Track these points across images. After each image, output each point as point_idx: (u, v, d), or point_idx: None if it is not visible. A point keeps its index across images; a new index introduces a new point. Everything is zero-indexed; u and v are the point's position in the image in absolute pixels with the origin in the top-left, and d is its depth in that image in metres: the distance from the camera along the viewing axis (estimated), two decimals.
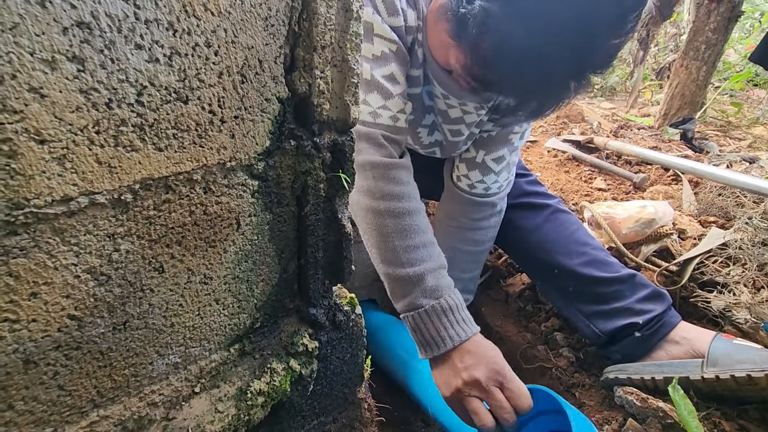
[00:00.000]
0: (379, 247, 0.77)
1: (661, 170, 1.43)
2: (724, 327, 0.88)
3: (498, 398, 0.64)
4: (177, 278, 0.42)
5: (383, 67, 0.76)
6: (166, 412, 0.45)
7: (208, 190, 0.40)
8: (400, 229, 0.75)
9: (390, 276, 0.76)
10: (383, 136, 0.77)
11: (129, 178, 0.34)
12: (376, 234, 0.76)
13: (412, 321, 0.73)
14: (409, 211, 0.76)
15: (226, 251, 0.45)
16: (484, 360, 0.67)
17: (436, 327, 0.71)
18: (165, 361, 0.44)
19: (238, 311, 0.50)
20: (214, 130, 0.38)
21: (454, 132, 0.93)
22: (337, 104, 0.49)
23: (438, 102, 0.88)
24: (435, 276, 0.74)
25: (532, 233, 1.04)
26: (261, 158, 0.44)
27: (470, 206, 1.00)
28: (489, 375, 0.65)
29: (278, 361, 0.52)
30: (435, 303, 0.71)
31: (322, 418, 0.65)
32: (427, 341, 0.72)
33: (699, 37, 1.83)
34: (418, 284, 0.73)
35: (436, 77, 0.80)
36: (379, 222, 0.76)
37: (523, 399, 0.63)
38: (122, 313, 0.38)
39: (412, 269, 0.73)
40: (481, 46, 0.61)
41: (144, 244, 0.38)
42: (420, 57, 0.81)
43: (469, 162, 0.99)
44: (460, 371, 0.68)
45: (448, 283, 0.75)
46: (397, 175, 0.77)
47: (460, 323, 0.71)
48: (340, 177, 0.52)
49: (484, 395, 0.65)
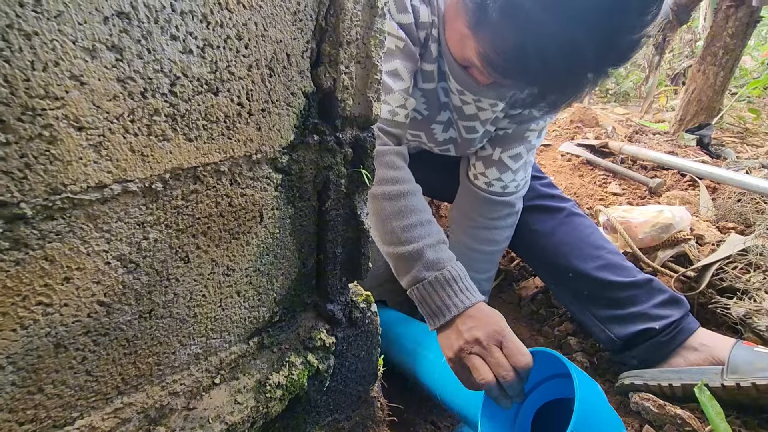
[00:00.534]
0: (378, 230, 0.80)
1: (678, 175, 1.42)
2: (744, 334, 0.86)
3: (496, 355, 0.65)
4: (201, 269, 0.42)
5: (387, 63, 0.77)
6: (187, 402, 0.45)
7: (234, 182, 0.41)
8: (397, 211, 0.77)
9: (392, 255, 0.79)
10: (379, 128, 0.79)
11: (160, 167, 0.35)
12: (375, 218, 0.79)
13: (417, 293, 0.75)
14: (404, 193, 0.79)
15: (249, 244, 0.46)
16: (484, 321, 0.69)
17: (440, 296, 0.73)
18: (187, 351, 0.45)
19: (258, 304, 0.50)
20: (242, 122, 0.39)
21: (468, 129, 0.93)
22: (360, 100, 0.50)
23: (453, 98, 0.89)
24: (435, 250, 0.76)
25: (546, 236, 1.03)
26: (285, 152, 0.44)
27: (487, 205, 1.00)
28: (489, 334, 0.67)
29: (296, 355, 0.53)
30: (438, 274, 0.73)
31: (336, 415, 0.65)
32: (433, 311, 0.74)
33: (717, 42, 1.81)
34: (419, 259, 0.75)
35: (453, 72, 0.81)
36: (377, 206, 0.78)
37: (520, 356, 0.64)
38: (148, 301, 0.39)
39: (411, 246, 0.76)
40: (503, 32, 0.60)
41: (171, 234, 0.38)
42: (434, 52, 0.82)
43: (485, 159, 0.99)
44: (463, 333, 0.70)
45: (449, 256, 0.77)
46: (390, 160, 0.79)
47: (464, 291, 0.73)
48: (361, 173, 0.53)
49: (484, 353, 0.67)
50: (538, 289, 1.20)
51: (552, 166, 1.64)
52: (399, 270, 0.79)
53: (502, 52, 0.63)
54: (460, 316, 0.72)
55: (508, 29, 0.59)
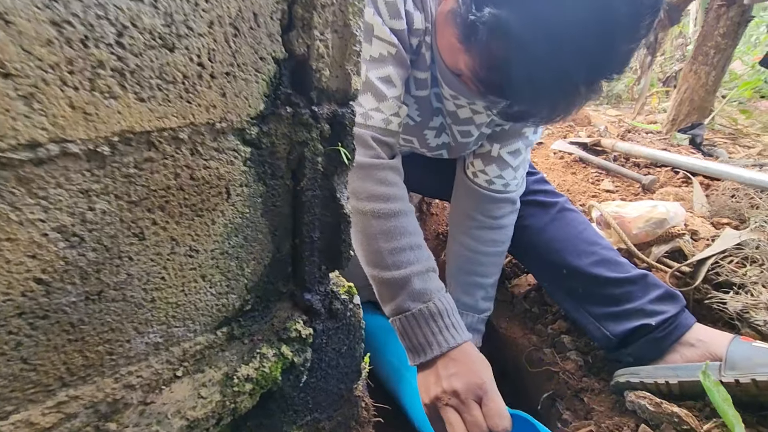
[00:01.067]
0: (364, 249, 0.74)
1: (671, 173, 1.40)
2: (741, 330, 0.84)
3: (474, 414, 0.61)
4: (159, 247, 0.38)
5: (379, 69, 0.74)
6: (144, 396, 0.41)
7: (195, 152, 0.37)
8: (386, 231, 0.72)
9: (376, 279, 0.74)
10: (372, 137, 0.75)
11: (107, 129, 0.31)
12: (361, 235, 0.74)
13: (399, 325, 0.71)
14: (395, 213, 0.74)
15: (215, 222, 0.42)
16: (467, 370, 0.64)
17: (423, 332, 0.68)
18: (144, 339, 0.41)
19: (226, 291, 0.47)
20: (203, 85, 0.36)
21: (463, 133, 0.91)
22: (338, 73, 0.47)
23: (447, 103, 0.86)
24: (422, 279, 0.71)
25: (539, 232, 1.00)
26: (254, 123, 0.41)
27: (489, 203, 0.96)
28: (469, 387, 0.62)
29: (269, 346, 0.49)
30: (423, 307, 0.69)
31: (317, 415, 0.61)
32: (414, 347, 0.69)
33: (708, 42, 1.81)
34: (404, 287, 0.70)
35: (445, 79, 0.78)
36: (364, 223, 0.73)
37: (499, 419, 0.60)
38: (96, 281, 0.35)
39: (398, 272, 0.71)
40: (492, 52, 0.59)
41: (123, 206, 0.34)
42: (428, 59, 0.79)
43: (485, 157, 0.96)
44: (442, 379, 0.65)
45: (437, 287, 0.72)
46: (384, 176, 0.75)
47: (449, 329, 0.68)
48: (339, 152, 0.49)
49: (461, 408, 0.62)
50: (530, 287, 1.17)
51: (544, 164, 1.62)
52: (382, 296, 0.74)
53: (490, 71, 0.61)
54: (442, 357, 0.67)
55: (495, 50, 0.58)
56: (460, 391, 0.62)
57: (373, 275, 0.74)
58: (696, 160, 1.31)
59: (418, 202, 1.52)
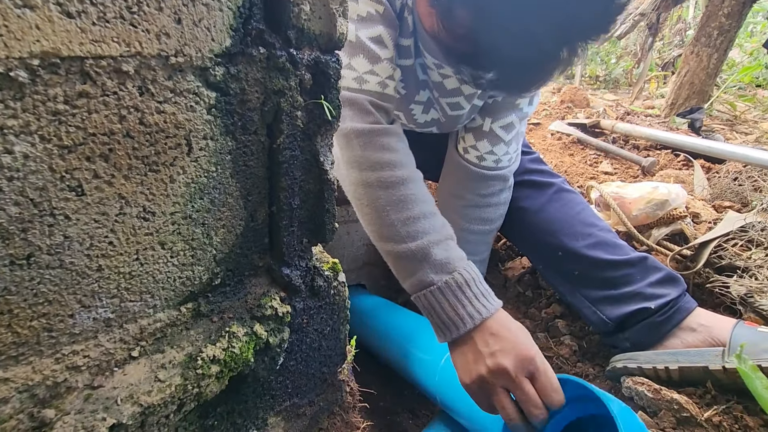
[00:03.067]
0: (374, 224, 0.67)
1: (671, 155, 1.36)
2: (744, 314, 0.80)
3: (528, 392, 0.55)
4: (104, 206, 0.32)
5: (369, 28, 0.68)
6: (92, 379, 0.36)
7: (145, 91, 0.31)
8: (395, 201, 0.66)
9: (391, 254, 0.67)
10: (370, 102, 0.69)
11: (21, 48, 0.25)
12: (370, 209, 0.67)
13: (424, 301, 0.64)
14: (403, 180, 0.67)
15: (174, 180, 0.36)
16: (512, 345, 0.58)
17: (452, 305, 0.61)
18: (92, 314, 0.35)
19: (191, 261, 0.41)
20: (152, 5, 0.29)
21: (452, 105, 0.85)
22: (321, 13, 0.40)
23: (432, 74, 0.80)
24: (443, 248, 0.64)
25: (535, 213, 0.96)
26: (219, 62, 0.35)
27: (479, 181, 0.91)
28: (518, 364, 0.56)
29: (240, 325, 0.43)
30: (448, 278, 0.62)
31: (296, 400, 0.56)
32: (444, 323, 0.62)
33: (711, 23, 1.76)
34: (424, 259, 0.63)
35: (426, 46, 0.72)
36: (371, 195, 0.67)
37: (555, 395, 0.54)
38: (23, 242, 0.29)
39: (414, 243, 0.64)
40: (456, 18, 0.54)
41: (52, 151, 0.28)
42: (410, 25, 0.73)
43: (476, 131, 0.90)
44: (485, 357, 0.58)
45: (460, 255, 0.65)
46: (386, 141, 0.68)
47: (479, 298, 0.62)
48: (322, 106, 0.43)
49: (512, 387, 0.56)
50: (524, 270, 1.13)
51: (541, 145, 1.57)
52: (400, 272, 0.67)
53: (456, 37, 0.56)
54: (478, 330, 0.61)
55: (460, 16, 0.54)
56: (509, 369, 0.56)
57: (387, 250, 0.67)
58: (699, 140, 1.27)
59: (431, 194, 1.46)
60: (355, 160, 0.68)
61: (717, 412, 0.67)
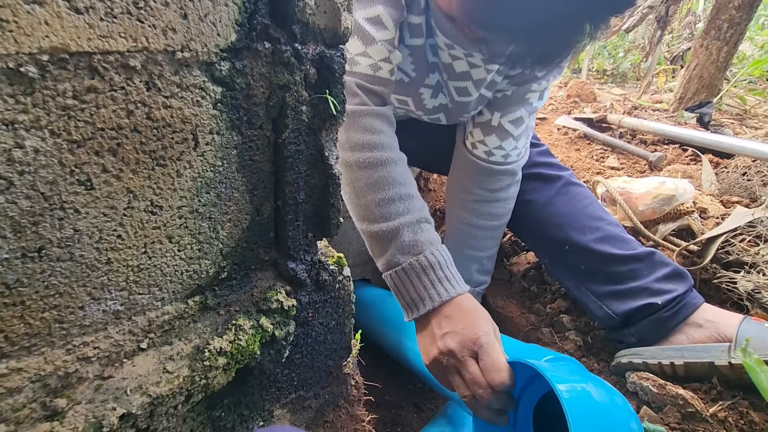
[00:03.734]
0: (352, 203, 0.70)
1: (679, 150, 1.35)
2: (751, 310, 0.80)
3: (471, 370, 0.57)
4: (112, 200, 0.33)
5: (368, 8, 0.67)
6: (102, 370, 0.36)
7: (152, 86, 0.32)
8: (373, 182, 0.68)
9: (365, 233, 0.70)
10: (358, 84, 0.69)
11: (31, 43, 0.25)
12: (349, 188, 0.69)
13: (390, 280, 0.67)
14: (382, 162, 0.68)
15: (181, 175, 0.36)
16: (461, 327, 0.60)
17: (415, 286, 0.64)
18: (101, 307, 0.36)
19: (198, 255, 0.41)
20: (158, 0, 0.29)
21: (460, 90, 0.84)
22: (325, 8, 0.40)
23: (442, 54, 0.79)
24: (413, 230, 0.66)
25: (542, 206, 0.95)
26: (225, 57, 0.35)
27: (488, 176, 0.91)
28: (464, 344, 0.59)
29: (246, 318, 0.44)
30: (413, 260, 0.64)
31: (302, 392, 0.57)
32: (407, 303, 0.66)
33: (722, 15, 1.73)
34: (393, 240, 0.66)
35: (439, 24, 0.72)
36: (352, 176, 0.69)
37: (496, 373, 0.55)
38: (34, 235, 0.30)
39: (385, 224, 0.66)
40: None
41: (61, 145, 0.29)
42: (422, 2, 0.72)
43: (484, 126, 0.89)
44: (437, 339, 0.61)
45: (430, 238, 0.67)
46: (369, 123, 0.69)
47: (442, 282, 0.64)
48: (327, 100, 0.43)
49: (459, 367, 0.59)
50: (530, 265, 1.13)
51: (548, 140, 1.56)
52: (373, 250, 0.70)
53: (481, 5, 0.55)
54: (434, 313, 0.63)
55: None
56: (455, 350, 0.59)
57: (362, 229, 0.70)
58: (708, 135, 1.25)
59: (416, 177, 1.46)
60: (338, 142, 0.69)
61: (722, 408, 0.67)
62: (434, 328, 0.63)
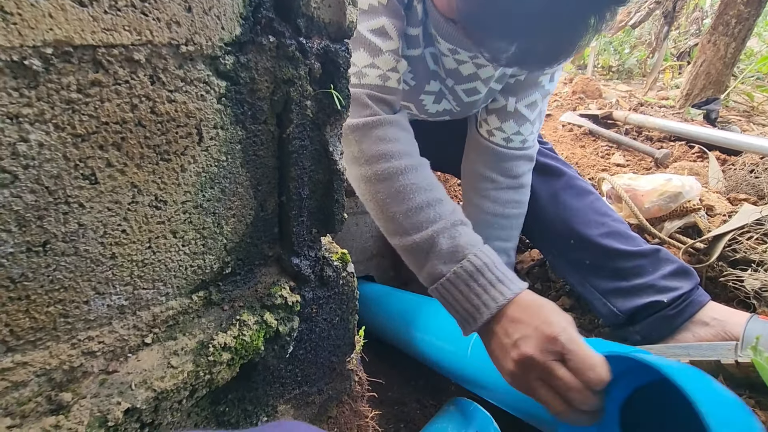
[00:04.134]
0: (379, 219, 0.66)
1: (685, 147, 1.33)
2: (758, 308, 0.79)
3: (560, 375, 0.48)
4: (117, 194, 0.33)
5: (371, 20, 0.67)
6: (107, 364, 0.36)
7: (156, 80, 0.31)
8: (395, 193, 0.64)
9: (399, 248, 0.65)
10: (368, 95, 0.67)
11: (35, 36, 0.25)
12: (373, 204, 0.66)
13: (438, 294, 0.61)
14: (401, 170, 0.65)
15: (185, 170, 0.36)
16: (532, 328, 0.52)
17: (465, 296, 0.57)
18: (106, 301, 0.36)
19: (202, 250, 0.41)
20: None
21: (469, 91, 0.83)
22: (330, 1, 0.40)
23: (446, 61, 0.78)
24: (449, 235, 0.61)
25: (548, 199, 0.94)
26: (229, 51, 0.35)
27: (510, 161, 0.89)
28: (542, 347, 0.50)
29: (250, 313, 0.44)
30: (457, 267, 0.58)
31: (306, 388, 0.57)
32: (462, 315, 0.59)
33: (730, 10, 1.71)
34: (431, 250, 0.60)
35: (441, 31, 0.71)
36: (372, 190, 0.65)
37: (591, 372, 0.47)
38: (39, 230, 0.30)
39: (418, 235, 0.62)
40: None
41: (66, 139, 0.29)
42: (420, 12, 0.72)
43: (500, 112, 0.88)
44: (509, 349, 0.53)
45: (471, 241, 0.61)
46: (383, 133, 0.66)
47: (495, 285, 0.57)
48: (332, 95, 0.43)
49: (545, 376, 0.50)
50: (534, 262, 1.13)
51: (552, 137, 1.55)
52: (412, 265, 0.64)
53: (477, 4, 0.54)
54: (497, 320, 0.56)
55: None
56: (534, 356, 0.50)
57: (396, 245, 0.65)
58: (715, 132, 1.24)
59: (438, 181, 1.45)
60: (354, 156, 0.67)
61: None
62: (502, 338, 0.54)
